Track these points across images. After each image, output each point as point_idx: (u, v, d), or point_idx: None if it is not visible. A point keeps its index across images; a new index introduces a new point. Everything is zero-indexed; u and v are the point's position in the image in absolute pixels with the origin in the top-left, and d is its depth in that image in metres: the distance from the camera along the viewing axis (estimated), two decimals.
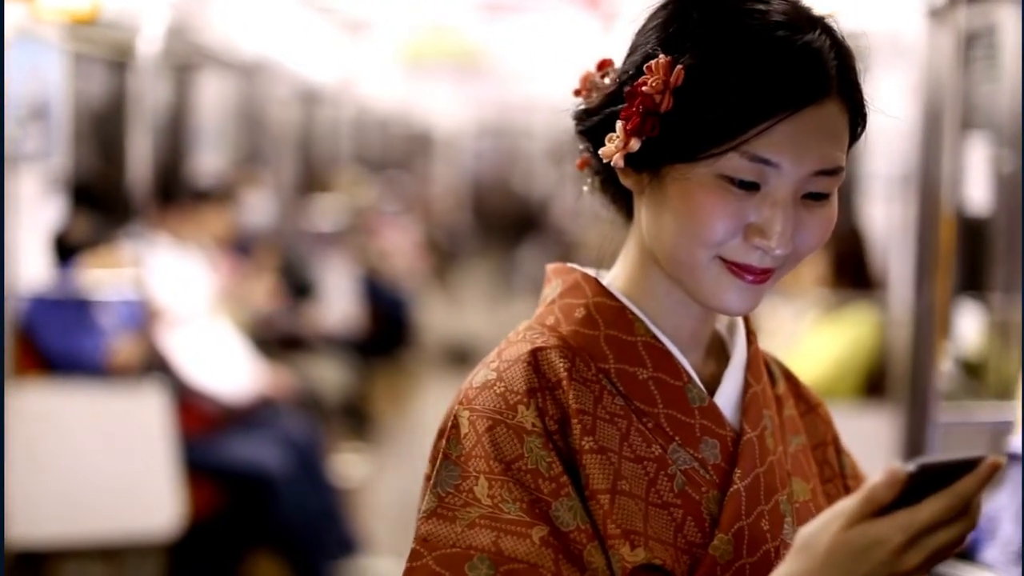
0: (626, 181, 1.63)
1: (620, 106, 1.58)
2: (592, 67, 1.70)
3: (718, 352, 1.72)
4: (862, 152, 6.79)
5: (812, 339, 5.56)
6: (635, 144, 1.56)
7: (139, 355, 5.45)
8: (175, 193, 6.99)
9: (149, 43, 5.63)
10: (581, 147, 1.70)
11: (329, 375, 8.37)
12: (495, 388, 1.57)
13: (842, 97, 1.57)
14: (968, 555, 3.31)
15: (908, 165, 5.37)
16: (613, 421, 1.58)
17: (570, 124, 1.70)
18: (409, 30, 13.33)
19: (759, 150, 1.51)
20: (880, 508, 1.35)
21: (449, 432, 1.57)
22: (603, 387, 1.60)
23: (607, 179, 1.68)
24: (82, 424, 5.00)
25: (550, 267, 1.74)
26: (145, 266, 5.56)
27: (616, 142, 1.57)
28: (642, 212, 1.63)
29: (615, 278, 1.69)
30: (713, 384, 1.67)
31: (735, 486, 1.60)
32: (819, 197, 1.57)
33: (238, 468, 5.86)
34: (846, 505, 1.37)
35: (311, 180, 11.60)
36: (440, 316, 14.08)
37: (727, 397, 1.67)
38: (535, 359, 1.59)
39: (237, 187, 8.43)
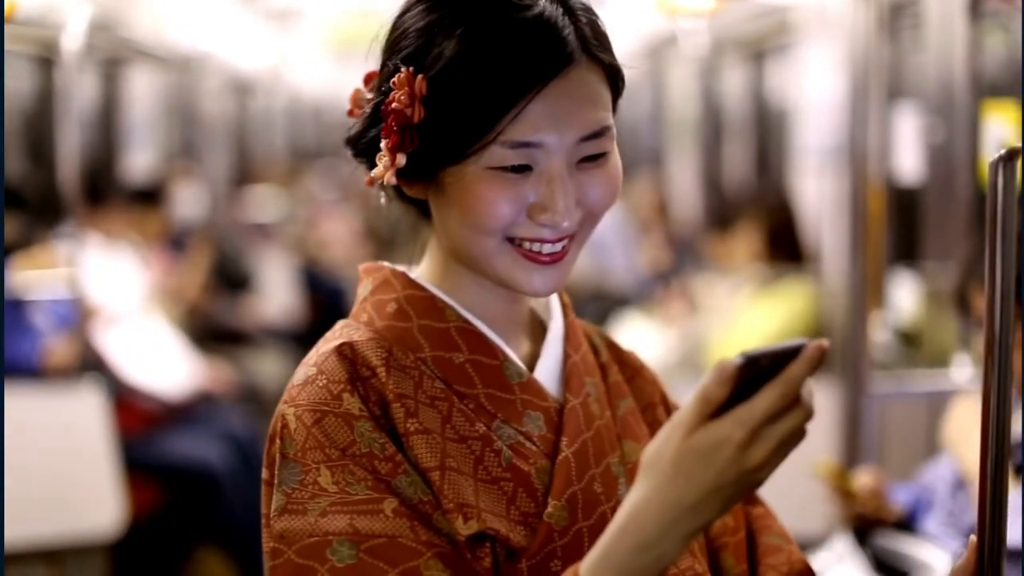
0: (409, 192, 1.66)
1: (381, 125, 1.60)
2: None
3: (536, 331, 1.76)
4: (793, 125, 6.82)
5: (748, 313, 5.58)
6: (401, 159, 1.58)
7: (75, 355, 5.40)
8: (107, 191, 6.93)
9: (73, 39, 5.58)
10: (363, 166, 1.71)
11: (269, 368, 8.32)
12: (317, 382, 1.59)
13: (588, 58, 1.57)
14: (908, 525, 3.33)
15: (839, 137, 5.40)
16: (434, 405, 1.61)
17: None
18: (338, 16, 13.26)
19: (517, 135, 1.53)
20: (716, 408, 1.34)
21: (281, 432, 1.59)
22: (422, 373, 1.63)
23: (398, 190, 1.70)
24: (19, 426, 4.95)
25: (362, 267, 1.78)
26: (78, 265, 5.51)
27: (384, 161, 1.59)
28: (434, 215, 1.66)
29: (423, 273, 1.73)
30: (533, 361, 1.71)
31: (563, 453, 1.64)
32: (595, 158, 1.59)
33: (179, 465, 5.83)
34: (683, 413, 1.37)
35: (246, 171, 11.55)
36: None
37: (547, 370, 1.71)
38: (349, 351, 1.62)
39: (170, 182, 8.38)
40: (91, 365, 5.46)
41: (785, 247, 5.69)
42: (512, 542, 1.56)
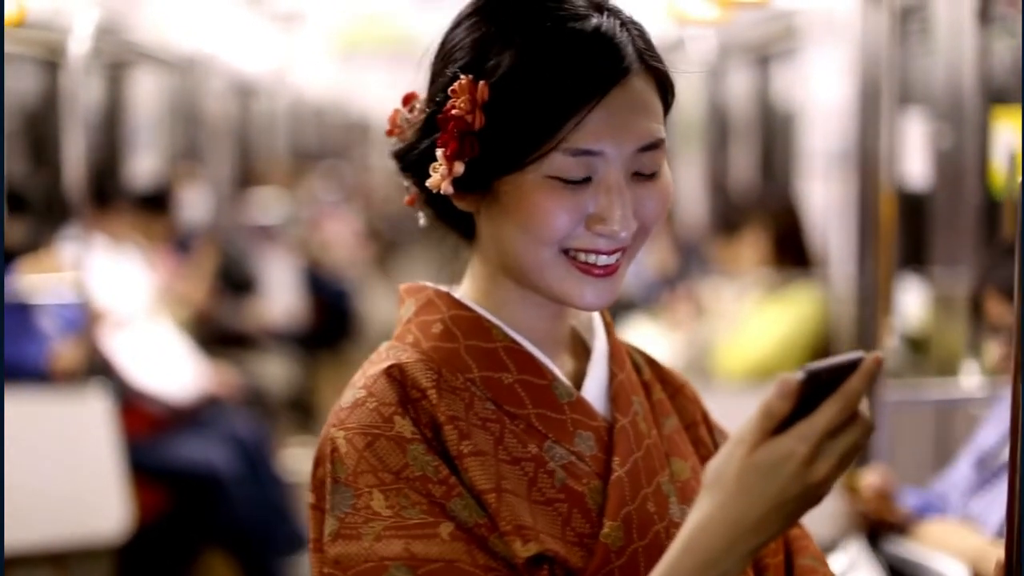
0: (461, 204, 1.64)
1: (436, 135, 1.60)
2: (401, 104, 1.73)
3: (578, 349, 1.75)
4: (799, 130, 6.81)
5: (756, 319, 5.57)
6: (459, 168, 1.58)
7: (81, 359, 5.39)
8: (112, 193, 6.92)
9: (79, 42, 5.58)
10: (406, 184, 1.72)
11: (274, 370, 8.33)
12: (367, 404, 1.58)
13: (644, 70, 1.59)
14: None
15: (846, 142, 5.39)
16: (486, 427, 1.60)
17: None
18: (342, 19, 13.28)
19: (579, 143, 1.54)
20: (778, 424, 1.36)
21: (331, 456, 1.57)
22: (472, 394, 1.62)
23: (441, 208, 1.69)
24: (26, 430, 4.94)
25: (403, 287, 1.77)
26: (84, 269, 5.50)
27: (440, 170, 1.59)
28: (483, 229, 1.66)
29: (466, 292, 1.71)
30: (578, 380, 1.70)
31: (616, 473, 1.62)
32: (650, 171, 1.59)
33: (185, 468, 5.82)
34: (746, 429, 1.38)
35: (249, 173, 11.53)
36: (384, 306, 14.01)
37: (594, 389, 1.70)
38: (398, 373, 1.60)
39: (174, 184, 8.37)
40: (98, 369, 5.45)
41: (792, 252, 5.67)
42: (570, 563, 1.55)
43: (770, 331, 5.48)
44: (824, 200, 5.99)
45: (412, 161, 1.66)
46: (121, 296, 6.21)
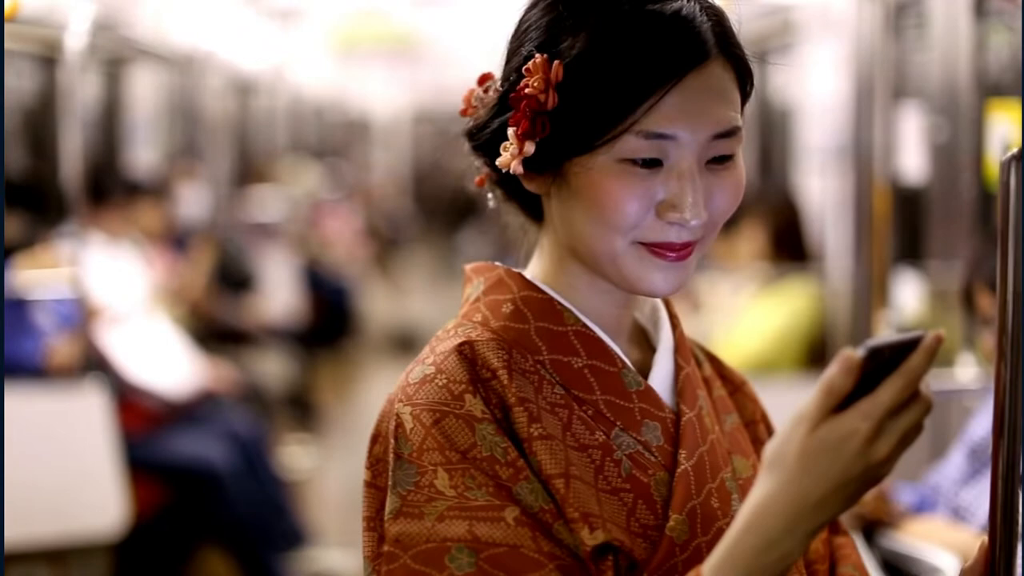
0: (530, 186, 1.63)
1: (508, 114, 1.58)
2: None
3: (640, 340, 1.73)
4: (796, 125, 6.81)
5: (752, 312, 5.57)
6: (530, 147, 1.56)
7: (78, 355, 5.39)
8: (109, 189, 6.92)
9: (76, 38, 5.57)
10: (477, 164, 1.71)
11: (272, 367, 8.33)
12: (436, 381, 1.55)
13: (723, 57, 1.56)
14: None
15: (843, 137, 5.39)
16: (554, 411, 1.58)
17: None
18: (340, 16, 13.28)
19: (652, 126, 1.51)
20: (840, 401, 1.34)
21: (395, 432, 1.54)
22: (542, 377, 1.59)
23: (510, 188, 1.68)
24: (23, 426, 4.94)
25: (469, 267, 1.74)
26: (80, 265, 5.50)
27: (511, 149, 1.57)
28: (553, 211, 1.64)
29: (535, 274, 1.69)
30: (643, 371, 1.67)
31: (682, 466, 1.60)
32: (723, 160, 1.56)
33: (182, 464, 5.82)
34: (806, 407, 1.35)
35: (248, 171, 11.53)
36: (383, 303, 14.04)
37: (660, 381, 1.67)
38: (470, 351, 1.58)
39: (172, 181, 8.37)
40: (94, 365, 5.44)
41: (789, 246, 5.67)
42: (634, 554, 1.52)
43: (766, 325, 5.48)
44: (820, 194, 5.99)
45: (483, 140, 1.65)
46: (118, 292, 6.21)
